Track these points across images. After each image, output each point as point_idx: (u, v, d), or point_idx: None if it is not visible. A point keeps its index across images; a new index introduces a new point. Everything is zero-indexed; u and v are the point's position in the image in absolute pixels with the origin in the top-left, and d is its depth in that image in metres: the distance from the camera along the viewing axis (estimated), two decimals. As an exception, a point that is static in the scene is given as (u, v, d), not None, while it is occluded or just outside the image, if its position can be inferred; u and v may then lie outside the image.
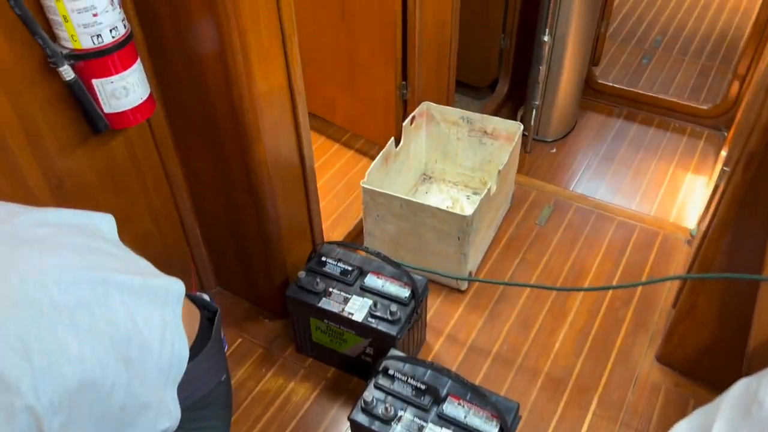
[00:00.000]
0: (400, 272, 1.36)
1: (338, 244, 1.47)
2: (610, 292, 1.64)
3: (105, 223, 0.80)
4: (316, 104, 2.02)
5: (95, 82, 1.02)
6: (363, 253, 1.44)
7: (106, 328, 0.65)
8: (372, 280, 1.37)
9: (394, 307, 1.30)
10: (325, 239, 1.63)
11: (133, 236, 1.33)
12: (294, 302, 1.37)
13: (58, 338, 0.60)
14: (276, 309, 1.57)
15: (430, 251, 1.57)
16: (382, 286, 1.35)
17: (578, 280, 1.68)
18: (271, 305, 1.58)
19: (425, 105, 1.79)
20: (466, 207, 1.82)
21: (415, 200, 1.50)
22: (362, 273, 1.39)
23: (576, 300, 1.61)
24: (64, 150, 1.10)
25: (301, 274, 1.38)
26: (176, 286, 0.77)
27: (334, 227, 1.79)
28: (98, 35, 0.97)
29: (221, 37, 1.08)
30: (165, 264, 1.45)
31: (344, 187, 1.96)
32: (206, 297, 1.42)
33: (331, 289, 1.36)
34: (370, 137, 2.02)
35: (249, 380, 1.44)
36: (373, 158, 2.04)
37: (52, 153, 1.09)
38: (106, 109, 1.06)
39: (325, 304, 1.33)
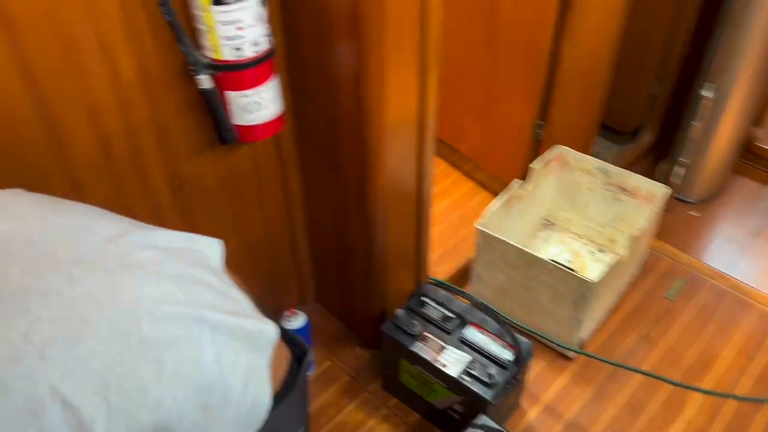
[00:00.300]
0: (504, 331, 1.26)
1: (442, 285, 1.39)
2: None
3: (211, 249, 0.77)
4: (444, 129, 1.94)
5: (229, 93, 1.01)
6: (467, 301, 1.35)
7: (191, 370, 0.62)
8: (473, 334, 1.28)
9: (492, 369, 1.20)
10: (431, 273, 1.55)
11: (243, 243, 1.34)
12: (387, 339, 1.31)
13: (140, 379, 0.57)
14: (368, 338, 1.51)
15: (540, 309, 1.45)
16: (483, 343, 1.26)
17: (704, 371, 1.49)
18: (363, 333, 1.53)
19: (560, 149, 1.67)
20: (588, 265, 1.68)
21: (532, 253, 1.39)
22: (463, 323, 1.30)
23: (698, 393, 1.43)
24: (190, 154, 1.11)
25: (399, 312, 1.31)
26: (270, 331, 0.73)
27: (441, 261, 1.71)
28: (239, 48, 0.96)
29: (359, 63, 1.04)
30: (269, 273, 1.46)
31: (459, 219, 1.88)
32: (302, 317, 1.39)
33: (427, 334, 1.28)
34: (495, 172, 1.92)
35: (330, 408, 1.40)
36: (494, 193, 1.94)
37: (178, 155, 1.09)
38: (236, 121, 1.05)
39: (418, 348, 1.26)
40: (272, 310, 1.46)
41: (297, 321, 1.38)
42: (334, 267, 1.49)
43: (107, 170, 1.00)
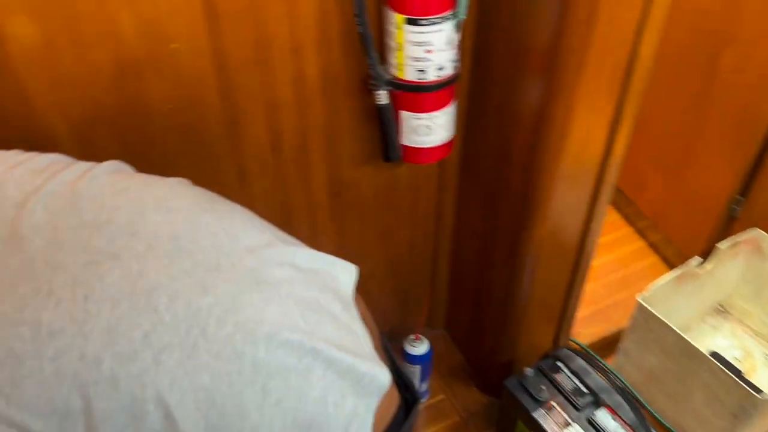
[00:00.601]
0: (641, 425, 1.12)
1: (584, 352, 1.27)
2: None
3: (346, 274, 0.74)
4: (623, 178, 1.78)
5: (402, 113, 0.98)
6: (606, 379, 1.22)
7: (294, 403, 0.59)
8: (604, 417, 1.15)
9: (617, 465, 1.07)
10: (574, 333, 1.43)
11: (386, 257, 1.32)
12: (509, 396, 1.22)
13: (242, 403, 0.56)
14: (488, 383, 1.43)
15: (691, 409, 1.28)
16: (614, 431, 1.13)
17: None
18: (484, 376, 1.45)
19: (756, 232, 1.45)
20: (759, 368, 1.45)
21: (694, 345, 1.22)
22: (597, 402, 1.18)
23: None
24: (353, 163, 1.10)
25: (529, 371, 1.22)
26: (383, 377, 0.68)
27: (589, 322, 1.57)
28: (423, 71, 0.92)
29: (546, 104, 0.96)
30: (404, 291, 1.44)
31: (619, 280, 1.72)
32: (426, 344, 1.34)
33: (554, 404, 1.18)
34: (672, 237, 1.73)
35: (433, 445, 1.35)
36: (666, 260, 1.76)
37: (342, 162, 1.09)
38: (403, 141, 1.02)
39: (540, 416, 1.16)
40: (400, 329, 1.44)
41: (421, 347, 1.33)
42: (470, 301, 1.42)
43: (273, 165, 1.03)
